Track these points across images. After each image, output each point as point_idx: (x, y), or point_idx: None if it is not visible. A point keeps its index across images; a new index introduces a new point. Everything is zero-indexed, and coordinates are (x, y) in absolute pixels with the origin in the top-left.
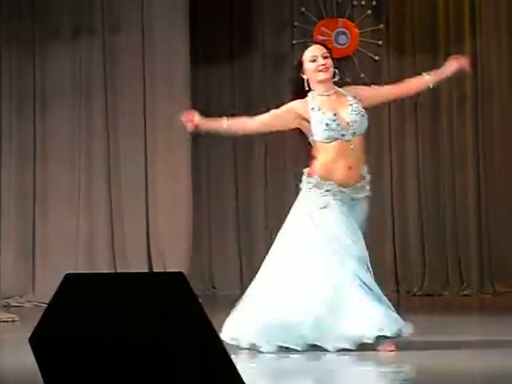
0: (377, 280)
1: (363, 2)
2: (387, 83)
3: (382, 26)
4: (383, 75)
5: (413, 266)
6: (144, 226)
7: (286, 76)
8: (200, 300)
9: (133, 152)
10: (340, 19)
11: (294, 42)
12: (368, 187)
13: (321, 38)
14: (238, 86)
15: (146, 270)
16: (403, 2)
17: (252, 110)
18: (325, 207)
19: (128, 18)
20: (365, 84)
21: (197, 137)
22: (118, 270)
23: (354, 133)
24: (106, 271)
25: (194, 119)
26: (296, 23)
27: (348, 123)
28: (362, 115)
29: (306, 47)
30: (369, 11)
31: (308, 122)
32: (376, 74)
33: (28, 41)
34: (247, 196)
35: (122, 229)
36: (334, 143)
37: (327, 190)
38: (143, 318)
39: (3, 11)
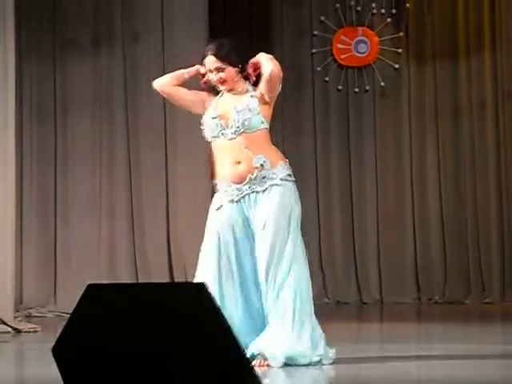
0: (398, 288)
1: (383, 11)
2: (408, 91)
3: (401, 34)
4: (403, 83)
5: (434, 273)
6: (165, 234)
7: (306, 84)
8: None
9: (153, 160)
10: (360, 27)
11: (314, 50)
12: (277, 174)
13: (340, 46)
14: None
15: (168, 280)
16: (423, 10)
17: (271, 119)
18: (217, 209)
19: (148, 28)
20: (383, 93)
21: None
22: (140, 280)
23: (236, 131)
24: (127, 280)
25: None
26: (315, 32)
27: (228, 122)
28: (247, 112)
29: (326, 56)
30: (388, 19)
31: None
32: (396, 82)
33: (49, 51)
34: None
35: (143, 238)
36: (218, 142)
37: (224, 191)
38: (165, 329)
39: (24, 22)
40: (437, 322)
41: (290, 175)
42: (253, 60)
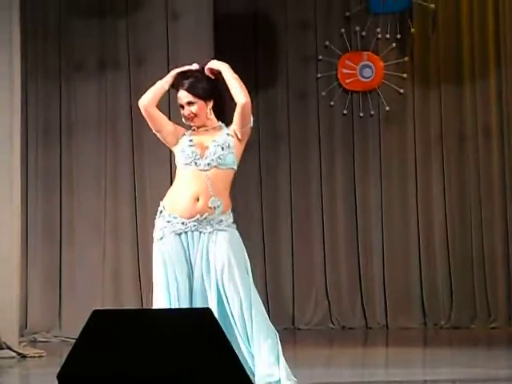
0: (404, 313)
1: (388, 36)
2: (413, 116)
3: (406, 58)
4: (408, 108)
5: (440, 298)
6: None
7: (311, 109)
8: None
9: (158, 182)
10: (364, 52)
11: (319, 75)
12: (223, 222)
13: (345, 71)
14: (263, 119)
15: None
16: (427, 35)
17: (277, 142)
18: (161, 239)
19: (153, 51)
20: (388, 118)
21: None
22: (145, 304)
23: (209, 164)
24: (132, 304)
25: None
26: (320, 57)
27: (205, 153)
28: (224, 148)
29: (331, 81)
30: (393, 44)
31: (175, 145)
32: (401, 106)
33: (55, 73)
34: (273, 220)
35: (149, 262)
36: (188, 170)
37: (168, 221)
38: (171, 355)
39: (30, 45)
40: (443, 347)
41: (233, 222)
42: (210, 66)
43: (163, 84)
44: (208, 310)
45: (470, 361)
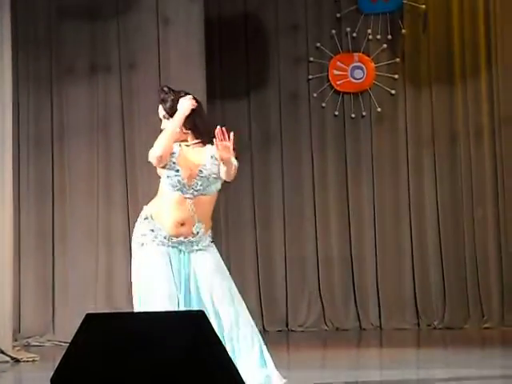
0: (397, 314)
1: (379, 37)
2: (404, 117)
3: (397, 59)
4: (399, 109)
5: (433, 299)
6: None
7: (303, 110)
8: None
9: (151, 187)
10: (356, 54)
11: (310, 76)
12: (202, 242)
13: (336, 72)
14: (255, 121)
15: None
16: (418, 36)
17: (269, 144)
18: (142, 245)
19: (144, 55)
20: (380, 119)
21: None
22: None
23: (195, 193)
24: (125, 309)
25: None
26: (311, 58)
27: (191, 183)
28: (210, 179)
29: (322, 82)
30: (384, 45)
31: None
32: (392, 107)
33: (45, 79)
34: (266, 222)
35: None
36: (174, 193)
37: (151, 230)
38: (165, 358)
39: (21, 50)
40: (436, 348)
41: (212, 241)
42: (224, 145)
43: (174, 128)
44: (201, 313)
45: (464, 361)
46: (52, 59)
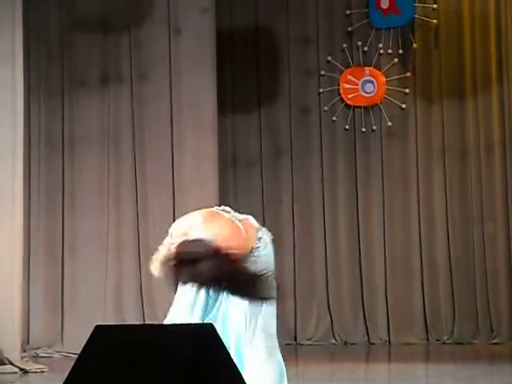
0: (406, 328)
1: (390, 51)
2: (415, 131)
3: (408, 74)
4: (410, 123)
5: (442, 314)
6: None
7: (313, 124)
8: None
9: (160, 198)
10: (366, 68)
11: (321, 90)
12: None
13: (347, 86)
14: (265, 134)
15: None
16: (430, 50)
17: (279, 157)
18: None
19: (155, 65)
20: (390, 133)
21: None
22: (146, 320)
23: None
24: (134, 321)
25: None
26: (323, 72)
27: None
28: None
29: (333, 96)
30: (395, 59)
31: None
32: (403, 121)
33: (57, 88)
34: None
35: (150, 278)
36: None
37: None
38: (173, 370)
39: (33, 59)
40: (445, 363)
41: None
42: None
43: None
44: (211, 326)
45: (473, 376)
46: (64, 70)
